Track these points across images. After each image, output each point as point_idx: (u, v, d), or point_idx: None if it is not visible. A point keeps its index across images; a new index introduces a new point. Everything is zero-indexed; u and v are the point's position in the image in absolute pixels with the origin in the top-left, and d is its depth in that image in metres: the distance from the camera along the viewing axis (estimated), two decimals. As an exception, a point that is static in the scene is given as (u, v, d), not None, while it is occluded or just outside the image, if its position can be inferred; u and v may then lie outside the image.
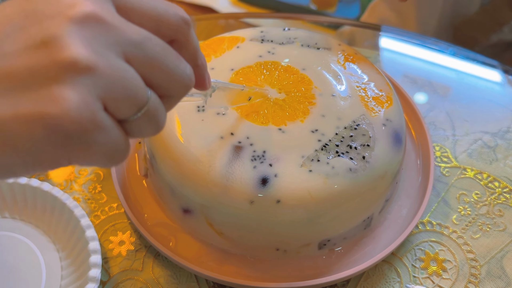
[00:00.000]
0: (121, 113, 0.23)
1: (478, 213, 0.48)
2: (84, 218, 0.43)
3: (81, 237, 0.43)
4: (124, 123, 0.23)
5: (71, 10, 0.22)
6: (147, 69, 0.23)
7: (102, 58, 0.21)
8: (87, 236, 0.42)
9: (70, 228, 0.44)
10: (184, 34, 0.26)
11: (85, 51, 0.21)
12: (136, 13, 0.24)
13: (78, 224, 0.43)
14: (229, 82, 0.39)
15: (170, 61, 0.24)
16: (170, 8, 0.25)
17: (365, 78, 0.48)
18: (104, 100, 0.22)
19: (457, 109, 0.57)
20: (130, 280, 0.43)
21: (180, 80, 0.25)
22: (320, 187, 0.39)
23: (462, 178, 0.51)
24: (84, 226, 0.43)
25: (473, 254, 0.45)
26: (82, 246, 0.43)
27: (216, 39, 0.53)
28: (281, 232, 0.41)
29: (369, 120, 0.43)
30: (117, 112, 0.22)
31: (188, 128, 0.43)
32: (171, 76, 0.24)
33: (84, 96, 0.21)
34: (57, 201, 0.44)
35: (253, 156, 0.40)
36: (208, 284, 0.43)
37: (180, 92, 0.26)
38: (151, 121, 0.24)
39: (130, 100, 0.22)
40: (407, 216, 0.46)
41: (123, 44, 0.22)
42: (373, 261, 0.41)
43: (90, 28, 0.22)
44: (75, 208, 0.44)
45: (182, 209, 0.43)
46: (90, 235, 0.42)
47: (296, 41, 0.52)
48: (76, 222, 0.43)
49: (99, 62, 0.21)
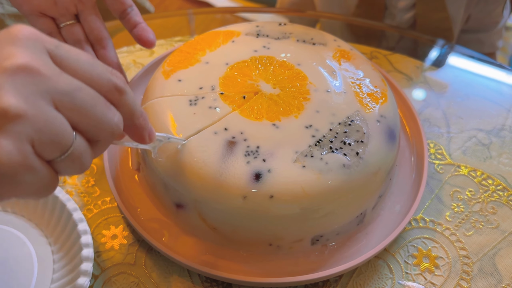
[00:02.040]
0: (48, 155, 0.25)
1: (471, 210, 0.48)
2: (77, 212, 0.43)
3: (73, 230, 0.43)
4: (52, 163, 0.26)
5: (6, 61, 0.24)
6: (75, 116, 0.26)
7: (31, 105, 0.24)
8: (79, 230, 0.42)
9: (63, 221, 0.44)
10: (115, 98, 0.28)
11: (15, 100, 0.23)
12: (70, 69, 0.26)
13: (70, 218, 0.43)
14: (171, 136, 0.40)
15: (98, 110, 0.27)
16: (105, 74, 0.28)
17: (360, 74, 0.48)
18: (33, 143, 0.24)
19: (452, 107, 0.57)
20: (123, 274, 0.43)
21: (106, 127, 0.27)
22: (314, 183, 0.39)
23: (456, 175, 0.51)
24: (77, 219, 0.43)
25: (466, 251, 0.45)
26: (74, 240, 0.42)
27: (211, 33, 0.53)
28: (274, 227, 0.41)
29: (363, 116, 0.43)
30: (44, 154, 0.25)
31: (180, 122, 0.42)
32: (97, 123, 0.27)
33: (15, 142, 0.23)
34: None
35: (247, 152, 0.40)
36: (200, 279, 0.43)
37: (106, 138, 0.28)
38: (75, 163, 0.26)
39: (55, 144, 0.25)
40: (400, 213, 0.46)
41: (53, 93, 0.25)
42: (365, 257, 0.41)
43: (23, 78, 0.24)
44: (67, 202, 0.44)
45: (175, 204, 0.43)
46: (82, 228, 0.42)
47: (292, 36, 0.51)
48: (69, 216, 0.43)
49: (28, 110, 0.24)
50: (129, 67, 0.61)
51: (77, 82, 0.26)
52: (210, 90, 0.45)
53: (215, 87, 0.45)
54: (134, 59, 0.62)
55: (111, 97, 0.28)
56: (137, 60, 0.62)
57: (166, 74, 0.47)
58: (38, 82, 0.24)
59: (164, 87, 0.46)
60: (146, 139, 0.32)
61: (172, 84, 0.46)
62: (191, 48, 0.50)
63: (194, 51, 0.49)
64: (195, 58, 0.49)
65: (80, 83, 0.26)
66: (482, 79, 0.61)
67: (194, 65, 0.48)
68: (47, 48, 0.26)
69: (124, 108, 0.29)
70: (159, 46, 0.64)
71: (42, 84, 0.24)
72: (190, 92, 0.45)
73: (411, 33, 0.71)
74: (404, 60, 0.63)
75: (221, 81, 0.46)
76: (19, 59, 0.24)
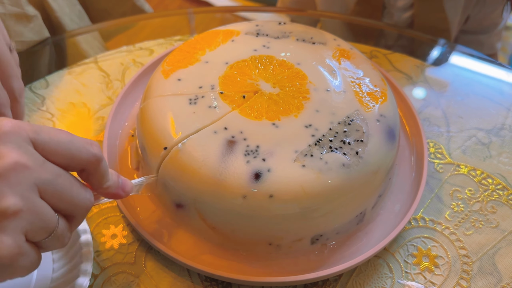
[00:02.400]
0: (37, 238, 0.29)
1: (471, 209, 0.48)
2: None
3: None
4: (38, 243, 0.30)
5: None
6: (56, 200, 0.29)
7: (25, 201, 0.27)
8: (79, 229, 0.42)
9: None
10: (93, 167, 0.32)
11: (13, 199, 0.27)
12: (52, 152, 0.30)
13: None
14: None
15: (74, 192, 0.30)
16: (85, 147, 0.31)
17: (360, 73, 0.48)
18: (26, 232, 0.28)
19: (452, 106, 0.57)
20: (122, 274, 0.43)
21: (81, 204, 0.31)
22: (313, 182, 0.39)
23: (456, 174, 0.51)
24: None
25: (465, 251, 0.45)
26: (74, 239, 0.42)
27: (211, 32, 0.52)
28: (274, 227, 0.41)
29: (363, 116, 0.43)
30: (34, 238, 0.29)
31: (180, 121, 0.42)
32: (74, 203, 0.31)
33: (13, 236, 0.27)
34: None
35: (246, 151, 0.40)
36: (200, 278, 0.43)
37: (82, 213, 0.32)
38: (59, 240, 0.31)
39: (44, 229, 0.29)
40: (400, 212, 0.46)
41: (39, 183, 0.28)
42: (365, 256, 0.41)
43: (15, 175, 0.27)
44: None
45: (174, 204, 0.43)
46: (82, 228, 0.42)
47: (292, 35, 0.51)
48: None
49: (23, 205, 0.27)
50: (129, 66, 0.61)
51: (57, 170, 0.29)
52: (209, 89, 0.45)
53: (214, 86, 0.45)
54: (134, 59, 0.62)
55: (90, 167, 0.31)
56: (136, 59, 0.62)
57: (165, 73, 0.47)
58: (28, 176, 0.28)
59: (163, 86, 0.46)
60: (122, 195, 0.35)
61: (171, 83, 0.46)
62: (191, 48, 0.50)
63: (193, 50, 0.49)
64: (194, 58, 0.48)
65: (59, 170, 0.30)
66: (482, 78, 0.61)
67: (193, 64, 0.48)
68: (30, 137, 0.29)
69: (99, 174, 0.32)
70: (158, 45, 0.64)
71: (30, 177, 0.28)
72: (190, 91, 0.45)
73: (410, 32, 0.70)
74: (404, 59, 0.63)
75: (221, 81, 0.46)
76: (9, 158, 0.27)
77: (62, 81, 0.59)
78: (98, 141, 0.53)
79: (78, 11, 0.70)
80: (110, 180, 0.34)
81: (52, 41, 0.64)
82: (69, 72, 0.60)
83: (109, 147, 0.49)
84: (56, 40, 0.65)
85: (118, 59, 0.62)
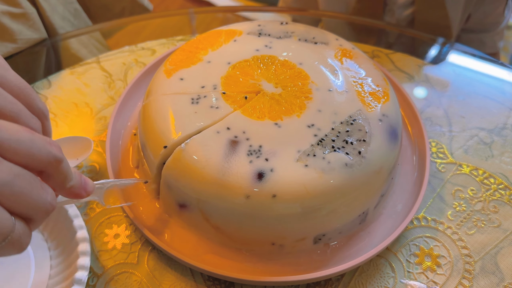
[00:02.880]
0: None
1: (473, 209, 0.48)
2: (72, 208, 0.43)
3: (69, 226, 0.43)
4: None
5: None
6: (13, 202, 0.27)
7: None
8: (75, 225, 0.42)
9: (56, 216, 0.44)
10: (53, 168, 0.30)
11: None
12: (11, 151, 0.27)
13: (66, 214, 0.43)
14: (116, 180, 0.41)
15: (34, 193, 0.28)
16: (45, 147, 0.29)
17: (362, 73, 0.48)
18: None
19: (454, 105, 0.57)
20: (125, 273, 0.43)
21: (41, 207, 0.29)
22: (316, 182, 0.39)
23: (458, 174, 0.51)
24: (72, 215, 0.42)
25: (468, 250, 0.45)
26: (71, 236, 0.42)
27: (213, 32, 0.53)
28: (277, 226, 0.41)
29: (365, 115, 0.43)
30: None
31: (182, 121, 0.43)
32: (34, 206, 0.28)
33: None
34: None
35: (249, 151, 0.40)
36: (203, 278, 0.43)
37: (41, 216, 0.29)
38: (15, 246, 0.28)
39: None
40: (402, 212, 0.46)
41: None
42: (367, 256, 0.41)
43: None
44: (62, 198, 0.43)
45: (178, 204, 0.43)
46: (78, 223, 0.42)
47: (294, 35, 0.51)
48: (64, 212, 0.43)
49: None
50: (131, 66, 0.61)
51: (16, 169, 0.27)
52: (212, 89, 0.45)
53: (217, 86, 0.45)
54: (136, 58, 0.62)
55: (49, 168, 0.30)
56: (138, 59, 0.62)
57: (168, 72, 0.47)
58: None
59: (166, 86, 0.46)
60: (83, 194, 0.34)
61: (174, 83, 0.46)
62: (193, 47, 0.50)
63: (196, 50, 0.49)
64: (197, 57, 0.49)
65: (18, 169, 0.27)
66: (484, 78, 0.61)
67: (196, 64, 0.48)
68: None
69: (61, 175, 0.31)
70: (160, 45, 0.64)
71: None
72: (192, 91, 0.45)
73: (412, 32, 0.71)
74: (405, 59, 0.63)
75: (223, 81, 0.46)
76: None
77: (65, 81, 0.59)
78: (100, 141, 0.53)
79: (74, 10, 0.70)
80: (74, 179, 0.32)
81: (50, 42, 0.64)
82: (71, 72, 0.60)
83: (112, 147, 0.49)
84: (54, 41, 0.65)
85: (120, 59, 0.62)
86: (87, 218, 0.47)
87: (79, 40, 0.67)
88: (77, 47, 0.66)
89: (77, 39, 0.67)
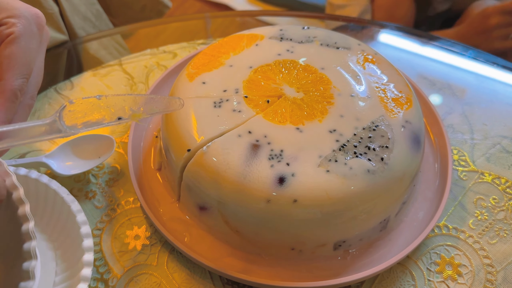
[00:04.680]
0: None
1: (495, 218, 0.47)
2: (74, 203, 0.43)
3: (73, 222, 0.43)
4: None
5: None
6: None
7: None
8: (82, 233, 0.42)
9: (59, 213, 0.44)
10: None
11: None
12: None
13: (69, 210, 0.43)
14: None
15: None
16: None
17: (384, 79, 0.47)
18: None
19: (476, 113, 0.57)
20: (145, 275, 0.43)
21: None
22: (337, 188, 0.39)
23: (480, 182, 0.50)
24: (75, 211, 0.43)
25: (490, 260, 0.44)
26: (76, 233, 0.42)
27: (235, 36, 0.53)
28: (297, 231, 0.41)
29: (388, 122, 0.43)
30: None
31: (204, 124, 0.43)
32: None
33: None
34: (49, 191, 0.44)
35: (271, 155, 0.40)
36: (222, 281, 0.43)
37: None
38: None
39: None
40: (423, 219, 0.46)
41: None
42: (387, 264, 0.41)
43: None
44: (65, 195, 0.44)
45: (198, 206, 0.43)
46: (85, 232, 0.42)
47: (315, 40, 0.51)
48: (67, 208, 0.43)
49: None
50: (153, 69, 0.62)
51: None
52: (234, 93, 0.45)
53: (239, 90, 0.45)
54: (157, 61, 0.63)
55: None
56: (160, 62, 0.63)
57: (190, 76, 0.48)
58: None
59: (188, 89, 0.46)
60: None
61: (196, 86, 0.46)
62: (215, 51, 0.50)
63: (218, 54, 0.50)
64: (219, 61, 0.49)
65: None
66: (506, 86, 0.61)
67: (218, 68, 0.48)
68: None
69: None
70: (181, 48, 0.65)
71: None
72: (214, 95, 0.45)
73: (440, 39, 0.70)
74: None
75: (245, 85, 0.46)
76: None
77: (87, 83, 0.60)
78: (122, 142, 0.53)
79: (96, 11, 0.71)
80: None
81: (72, 44, 0.65)
82: (93, 74, 0.61)
83: (133, 148, 0.50)
84: (76, 43, 0.66)
85: (142, 61, 0.63)
86: (108, 219, 0.47)
87: (99, 42, 0.68)
88: (97, 47, 0.67)
89: (98, 41, 0.67)
